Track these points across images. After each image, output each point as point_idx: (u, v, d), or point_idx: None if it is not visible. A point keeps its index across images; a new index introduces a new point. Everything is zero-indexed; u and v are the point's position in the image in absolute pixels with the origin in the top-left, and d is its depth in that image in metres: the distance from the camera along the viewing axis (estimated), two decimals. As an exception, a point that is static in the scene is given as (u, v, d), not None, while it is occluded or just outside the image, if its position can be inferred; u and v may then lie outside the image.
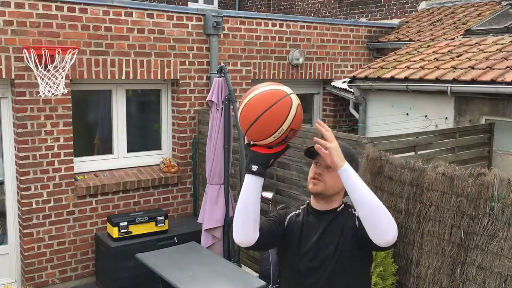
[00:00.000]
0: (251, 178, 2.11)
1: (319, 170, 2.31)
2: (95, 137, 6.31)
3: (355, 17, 10.56)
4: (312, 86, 7.83)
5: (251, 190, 2.12)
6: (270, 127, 2.02)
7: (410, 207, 3.83)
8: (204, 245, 5.53)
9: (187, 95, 6.31)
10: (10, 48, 5.11)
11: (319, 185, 2.30)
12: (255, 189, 2.12)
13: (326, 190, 2.31)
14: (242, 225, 2.15)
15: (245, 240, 2.18)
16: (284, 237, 2.38)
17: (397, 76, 6.19)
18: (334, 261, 2.26)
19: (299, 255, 2.33)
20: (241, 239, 2.18)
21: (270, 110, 2.01)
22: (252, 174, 2.10)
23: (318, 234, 2.31)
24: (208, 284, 4.48)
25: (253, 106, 2.04)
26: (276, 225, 2.35)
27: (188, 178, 6.49)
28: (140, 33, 5.83)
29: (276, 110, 2.02)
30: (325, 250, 2.28)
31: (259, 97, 2.05)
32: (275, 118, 2.02)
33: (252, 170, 2.09)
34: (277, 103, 2.02)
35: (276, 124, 2.02)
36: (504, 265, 3.27)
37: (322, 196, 2.34)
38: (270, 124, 2.02)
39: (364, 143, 4.23)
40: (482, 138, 5.44)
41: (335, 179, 2.27)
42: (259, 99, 2.05)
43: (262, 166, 2.10)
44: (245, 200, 2.13)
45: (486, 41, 6.37)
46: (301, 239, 2.34)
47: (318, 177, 2.30)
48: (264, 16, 6.84)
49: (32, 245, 5.52)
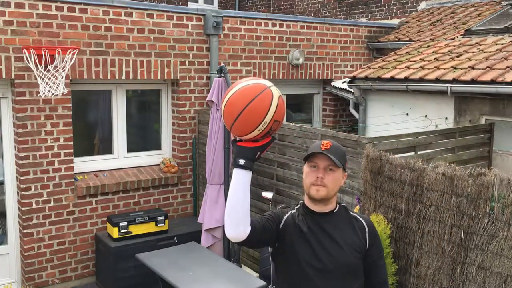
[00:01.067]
0: (239, 172, 2.11)
1: (319, 173, 2.27)
2: (95, 137, 6.31)
3: (355, 17, 10.56)
4: (312, 86, 7.83)
5: (239, 184, 2.12)
6: (253, 121, 2.04)
7: (410, 207, 3.83)
8: (204, 245, 5.53)
9: (187, 95, 6.31)
10: (10, 48, 5.11)
11: (322, 190, 2.27)
12: (244, 182, 2.12)
13: (329, 194, 2.30)
14: (232, 220, 2.14)
15: (236, 235, 2.16)
16: (278, 237, 2.34)
17: (397, 76, 6.19)
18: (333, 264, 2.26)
19: (297, 258, 2.30)
20: (232, 233, 2.16)
21: (252, 104, 2.03)
22: (240, 168, 2.11)
23: (317, 237, 2.30)
24: (208, 284, 4.47)
25: (235, 102, 2.05)
26: (269, 223, 2.31)
27: (188, 178, 6.49)
28: (140, 33, 5.83)
29: (257, 103, 2.04)
30: (323, 253, 2.27)
31: (240, 92, 2.07)
32: (258, 112, 2.04)
33: (240, 164, 2.10)
34: (258, 96, 2.05)
35: (259, 117, 2.04)
36: (504, 265, 3.26)
37: (325, 200, 2.31)
38: (253, 118, 2.04)
39: (364, 143, 4.23)
40: (482, 138, 5.44)
41: (336, 180, 2.29)
42: (240, 94, 2.06)
43: (249, 160, 2.11)
44: (234, 194, 2.13)
45: (486, 41, 6.37)
46: (299, 242, 2.31)
47: (321, 182, 2.27)
48: (264, 16, 6.84)
49: (32, 245, 5.52)
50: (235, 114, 2.04)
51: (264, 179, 5.52)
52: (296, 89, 7.67)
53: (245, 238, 2.17)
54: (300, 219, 2.34)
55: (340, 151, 2.33)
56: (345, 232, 2.31)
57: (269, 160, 5.41)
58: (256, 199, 5.61)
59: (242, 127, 2.06)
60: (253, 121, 2.04)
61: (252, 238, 2.19)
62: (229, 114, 2.07)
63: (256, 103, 2.03)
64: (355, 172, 4.36)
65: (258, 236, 2.22)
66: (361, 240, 2.34)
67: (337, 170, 2.30)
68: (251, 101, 2.03)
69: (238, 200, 2.12)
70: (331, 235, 2.30)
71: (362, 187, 4.16)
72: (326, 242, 2.29)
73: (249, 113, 2.03)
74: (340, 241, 2.29)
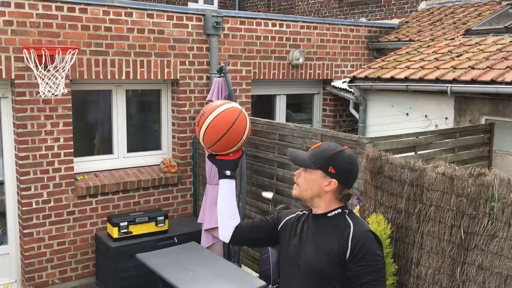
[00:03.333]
0: (226, 182, 2.48)
1: (297, 172, 2.34)
2: (95, 137, 6.31)
3: (355, 17, 10.56)
4: (312, 86, 7.83)
5: (225, 191, 2.48)
6: (234, 140, 2.41)
7: (410, 207, 3.83)
8: (204, 245, 5.53)
9: (187, 95, 6.31)
10: (10, 48, 5.11)
11: (295, 189, 2.34)
12: (229, 189, 2.48)
13: (302, 194, 2.29)
14: (220, 222, 2.51)
15: (223, 235, 2.50)
16: (279, 237, 2.42)
17: (397, 76, 6.19)
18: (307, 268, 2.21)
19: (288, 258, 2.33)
20: (221, 234, 2.51)
21: (232, 127, 2.40)
22: (228, 178, 2.47)
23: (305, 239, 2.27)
24: (208, 284, 4.47)
25: (217, 126, 2.38)
26: (264, 223, 2.48)
27: (188, 178, 6.49)
28: (140, 33, 5.83)
29: (237, 126, 2.41)
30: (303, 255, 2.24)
31: (221, 117, 2.40)
32: (238, 133, 2.41)
33: (227, 175, 2.47)
34: (237, 120, 2.42)
35: (238, 137, 2.42)
36: (504, 265, 3.26)
37: (302, 200, 2.33)
38: (234, 138, 2.41)
39: (364, 143, 4.23)
40: (482, 138, 5.44)
41: (308, 180, 2.25)
42: (221, 118, 2.40)
43: (233, 170, 2.49)
44: (221, 201, 2.49)
45: (486, 41, 6.37)
46: (291, 243, 2.33)
47: (296, 181, 2.34)
48: (264, 16, 6.84)
49: (32, 245, 5.52)
50: (217, 136, 2.38)
51: (264, 179, 5.52)
52: (296, 89, 7.68)
53: (230, 237, 2.48)
54: (303, 220, 2.36)
55: (322, 154, 2.22)
56: (327, 237, 2.20)
57: (269, 160, 5.41)
58: (256, 199, 5.61)
59: (223, 147, 2.42)
60: (234, 140, 2.41)
61: (235, 237, 2.47)
62: (211, 137, 2.40)
63: (236, 126, 2.40)
64: (355, 172, 4.35)
65: (244, 234, 2.46)
66: (342, 248, 2.14)
67: (313, 171, 2.23)
68: (232, 125, 2.39)
69: (226, 205, 2.48)
70: (314, 238, 2.24)
71: (362, 187, 4.16)
72: (308, 245, 2.24)
73: (231, 135, 2.39)
74: (319, 245, 2.20)
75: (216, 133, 2.39)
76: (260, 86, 7.12)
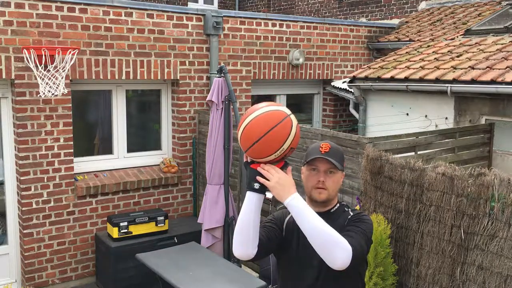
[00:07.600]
0: (253, 196, 2.15)
1: (321, 177, 2.32)
2: (95, 137, 6.31)
3: (355, 17, 10.56)
4: (312, 86, 7.83)
5: (252, 207, 2.16)
6: (271, 147, 2.09)
7: (410, 207, 3.83)
8: (204, 245, 5.53)
9: (187, 95, 6.31)
10: (10, 48, 5.11)
11: (324, 193, 2.32)
12: (256, 206, 2.16)
13: (330, 196, 2.34)
14: (242, 242, 2.20)
15: (244, 256, 2.23)
16: (283, 239, 2.38)
17: (397, 76, 6.19)
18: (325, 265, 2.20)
19: (296, 258, 2.33)
20: (240, 254, 2.23)
21: (272, 130, 2.08)
22: (254, 191, 2.15)
23: None
24: (208, 284, 4.47)
25: (255, 127, 2.09)
26: (274, 232, 2.35)
27: (188, 178, 6.49)
28: (140, 33, 5.83)
29: (278, 131, 2.09)
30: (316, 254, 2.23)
31: (262, 118, 2.11)
32: (277, 139, 2.09)
33: (254, 188, 2.14)
34: (279, 124, 2.09)
35: (277, 144, 2.09)
36: (504, 265, 3.26)
37: (326, 202, 2.35)
38: (271, 144, 2.09)
39: (364, 143, 4.23)
40: (482, 138, 5.44)
41: (336, 182, 2.34)
42: (262, 119, 2.10)
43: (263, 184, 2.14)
44: (246, 217, 2.17)
45: (486, 41, 6.37)
46: (298, 243, 2.33)
47: (322, 186, 2.31)
48: (264, 16, 6.84)
49: (32, 245, 5.52)
50: (254, 138, 2.08)
51: (264, 179, 5.51)
52: (296, 89, 7.68)
53: (252, 257, 2.23)
54: None
55: (339, 153, 2.36)
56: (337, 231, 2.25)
57: (269, 160, 5.40)
58: (256, 199, 5.60)
59: (259, 152, 2.11)
60: (271, 147, 2.09)
61: (259, 255, 2.25)
62: (247, 139, 2.11)
63: (276, 131, 2.08)
64: (355, 172, 4.35)
65: (264, 251, 2.28)
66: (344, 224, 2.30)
67: (337, 172, 2.34)
68: (273, 128, 2.08)
69: (250, 221, 2.16)
70: None
71: (362, 187, 4.16)
72: None
73: (268, 139, 2.08)
74: None
75: (252, 136, 2.10)
76: (260, 86, 7.12)
